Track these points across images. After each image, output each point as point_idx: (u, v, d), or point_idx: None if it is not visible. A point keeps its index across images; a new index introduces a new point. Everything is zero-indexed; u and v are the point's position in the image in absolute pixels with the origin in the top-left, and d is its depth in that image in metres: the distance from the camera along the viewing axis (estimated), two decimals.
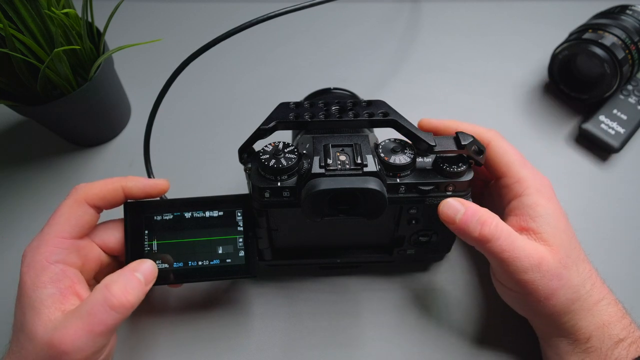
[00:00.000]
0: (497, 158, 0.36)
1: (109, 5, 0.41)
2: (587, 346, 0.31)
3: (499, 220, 0.32)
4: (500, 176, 0.36)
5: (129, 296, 0.30)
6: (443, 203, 0.33)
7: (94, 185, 0.34)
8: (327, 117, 0.32)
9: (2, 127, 0.51)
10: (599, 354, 0.31)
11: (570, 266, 0.32)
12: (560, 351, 0.33)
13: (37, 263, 0.31)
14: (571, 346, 0.32)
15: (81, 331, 0.28)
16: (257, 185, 0.32)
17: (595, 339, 0.31)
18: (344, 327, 0.38)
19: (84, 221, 0.33)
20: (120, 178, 0.35)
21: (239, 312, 0.39)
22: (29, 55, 0.38)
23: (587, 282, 0.32)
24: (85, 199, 0.33)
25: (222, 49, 0.39)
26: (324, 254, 0.39)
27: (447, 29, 0.58)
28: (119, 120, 0.50)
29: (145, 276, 0.32)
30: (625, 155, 0.48)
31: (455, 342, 0.38)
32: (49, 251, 0.31)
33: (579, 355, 0.32)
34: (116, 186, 0.34)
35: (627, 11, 0.48)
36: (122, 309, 0.29)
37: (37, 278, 0.30)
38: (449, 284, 0.40)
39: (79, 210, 0.33)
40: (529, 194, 0.33)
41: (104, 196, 0.34)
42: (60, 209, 0.33)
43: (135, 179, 0.35)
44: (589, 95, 0.48)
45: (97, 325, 0.29)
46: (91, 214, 0.33)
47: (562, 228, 0.33)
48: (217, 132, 0.50)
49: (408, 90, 0.53)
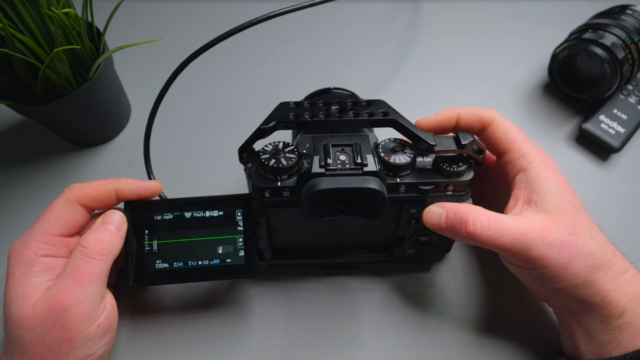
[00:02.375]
0: (500, 135, 0.35)
1: (109, 5, 0.41)
2: (620, 322, 0.29)
3: (477, 212, 0.31)
4: (504, 152, 0.35)
5: (102, 243, 0.32)
6: (425, 213, 0.33)
7: (87, 186, 0.34)
8: (327, 116, 0.32)
9: (2, 127, 0.51)
10: (634, 331, 0.29)
11: (582, 233, 0.30)
12: (591, 330, 0.30)
13: (26, 257, 0.31)
14: (603, 324, 0.30)
15: (71, 285, 0.30)
16: (257, 185, 0.32)
17: (629, 313, 0.29)
18: (344, 327, 0.38)
19: (74, 220, 0.34)
20: (113, 180, 0.35)
21: (239, 312, 0.39)
22: (29, 55, 0.38)
23: (608, 250, 0.31)
24: (77, 199, 0.34)
25: (222, 49, 0.39)
26: (323, 254, 0.39)
27: (447, 29, 0.58)
28: (119, 120, 0.50)
29: (116, 224, 0.34)
30: (625, 155, 0.48)
31: (455, 342, 0.38)
32: (38, 246, 0.32)
33: (612, 334, 0.30)
34: (109, 188, 0.34)
35: (627, 11, 0.48)
36: (99, 255, 0.32)
37: (28, 269, 0.31)
38: (449, 284, 0.40)
39: (70, 209, 0.33)
40: (534, 167, 0.33)
41: (96, 197, 0.34)
42: (52, 207, 0.33)
43: (127, 182, 0.35)
44: (589, 95, 0.48)
45: (82, 275, 0.31)
46: (82, 213, 0.34)
47: (566, 199, 0.32)
48: (217, 132, 0.50)
49: (408, 90, 0.53)
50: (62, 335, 0.30)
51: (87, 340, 0.31)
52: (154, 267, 0.35)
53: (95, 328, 0.31)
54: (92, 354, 0.31)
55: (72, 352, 0.30)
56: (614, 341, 0.30)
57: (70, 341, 0.30)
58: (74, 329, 0.30)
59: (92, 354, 0.31)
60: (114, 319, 0.34)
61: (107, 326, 0.32)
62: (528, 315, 0.38)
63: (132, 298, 0.40)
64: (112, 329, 0.33)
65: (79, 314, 0.30)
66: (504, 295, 0.40)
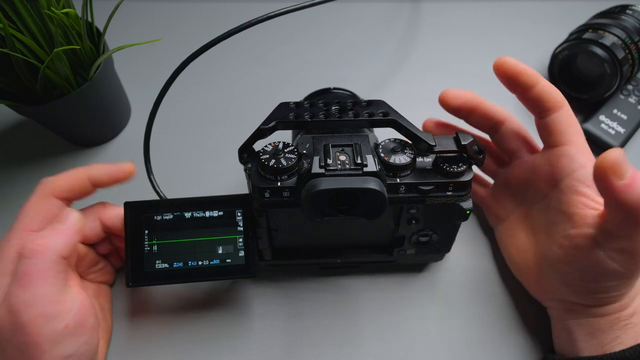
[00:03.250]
0: (564, 126, 0.34)
1: (109, 5, 0.41)
2: (626, 322, 0.30)
3: None
4: (562, 144, 0.34)
5: (38, 241, 0.30)
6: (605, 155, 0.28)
7: (60, 178, 0.34)
8: (327, 117, 0.32)
9: (2, 127, 0.51)
10: (638, 330, 0.30)
11: None
12: (593, 329, 0.31)
13: (8, 255, 0.31)
14: (610, 324, 0.30)
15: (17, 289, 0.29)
16: (257, 185, 0.32)
17: (638, 314, 0.30)
18: (344, 327, 0.38)
19: (52, 214, 0.33)
20: (85, 167, 0.35)
21: (239, 312, 0.39)
22: (29, 55, 0.38)
23: None
24: (52, 193, 0.33)
25: (222, 49, 0.39)
26: (324, 254, 0.39)
27: (447, 29, 0.58)
28: (119, 120, 0.50)
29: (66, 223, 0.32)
30: (626, 156, 0.48)
31: (455, 342, 0.38)
32: (19, 244, 0.31)
33: (616, 333, 0.30)
34: (81, 176, 0.34)
35: (627, 11, 0.48)
36: (32, 253, 0.30)
37: (4, 269, 0.31)
38: (449, 284, 0.40)
39: (46, 203, 0.33)
40: None
41: (70, 188, 0.34)
42: (28, 204, 0.33)
43: (99, 167, 0.35)
44: (589, 95, 0.48)
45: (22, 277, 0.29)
46: (59, 206, 0.33)
47: None
48: (217, 132, 0.50)
49: (408, 90, 0.53)
50: (26, 339, 0.29)
51: (57, 342, 0.29)
52: (154, 267, 0.35)
53: (63, 329, 0.30)
54: (69, 354, 0.30)
55: (43, 355, 0.29)
56: (616, 339, 0.30)
57: (36, 344, 0.29)
58: (35, 332, 0.29)
59: (69, 355, 0.30)
60: (87, 316, 0.32)
61: (78, 325, 0.31)
62: (529, 314, 0.38)
63: (132, 298, 0.40)
64: (87, 327, 0.32)
65: (34, 317, 0.29)
66: (504, 295, 0.40)
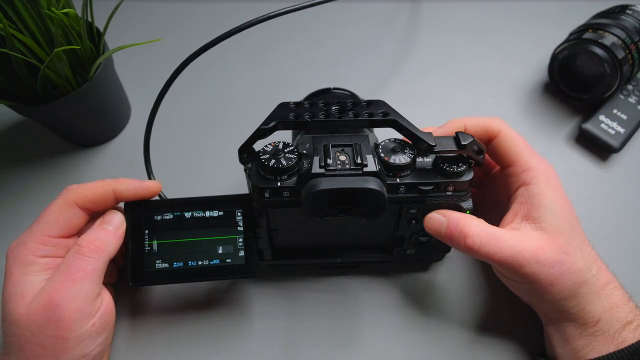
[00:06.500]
0: (506, 147, 0.36)
1: (109, 5, 0.41)
2: (595, 329, 0.32)
3: (477, 226, 0.32)
4: (508, 165, 0.36)
5: (97, 242, 0.32)
6: (427, 218, 0.34)
7: (85, 188, 0.34)
8: (327, 117, 0.32)
9: (2, 127, 0.51)
10: (607, 337, 0.31)
11: (573, 251, 0.32)
12: (567, 335, 0.33)
13: (25, 257, 0.31)
14: (579, 330, 0.32)
15: (64, 282, 0.30)
16: (257, 185, 0.32)
17: (604, 321, 0.31)
18: (344, 327, 0.38)
19: (72, 223, 0.33)
20: (112, 181, 0.35)
21: (239, 312, 0.39)
22: (29, 55, 0.38)
23: (593, 267, 0.32)
24: (75, 201, 0.33)
25: (222, 49, 0.39)
26: (323, 254, 0.39)
27: (447, 29, 0.58)
28: (119, 120, 0.50)
29: (114, 225, 0.34)
30: (625, 155, 0.48)
31: (455, 342, 0.38)
32: (36, 247, 0.32)
33: (587, 339, 0.32)
34: (107, 189, 0.34)
35: (627, 11, 0.48)
36: (92, 253, 0.32)
37: (27, 269, 0.31)
38: (449, 284, 0.40)
39: (68, 211, 0.33)
40: (537, 182, 0.34)
41: (94, 199, 0.34)
42: (50, 209, 0.33)
43: (126, 182, 0.35)
44: (589, 95, 0.48)
45: (75, 272, 0.31)
46: (80, 216, 0.34)
47: (565, 216, 0.33)
48: (217, 132, 0.50)
49: (408, 90, 0.53)
50: (56, 334, 0.29)
51: (82, 340, 0.31)
52: (154, 267, 0.35)
53: (90, 327, 0.31)
54: (87, 353, 0.31)
55: (66, 352, 0.30)
56: (588, 345, 0.32)
57: (64, 340, 0.30)
58: (67, 327, 0.30)
59: (87, 354, 0.31)
60: (110, 318, 0.33)
61: (103, 325, 0.32)
62: (528, 315, 0.38)
63: (132, 298, 0.40)
64: (107, 329, 0.33)
65: (71, 312, 0.30)
66: (504, 296, 0.39)
